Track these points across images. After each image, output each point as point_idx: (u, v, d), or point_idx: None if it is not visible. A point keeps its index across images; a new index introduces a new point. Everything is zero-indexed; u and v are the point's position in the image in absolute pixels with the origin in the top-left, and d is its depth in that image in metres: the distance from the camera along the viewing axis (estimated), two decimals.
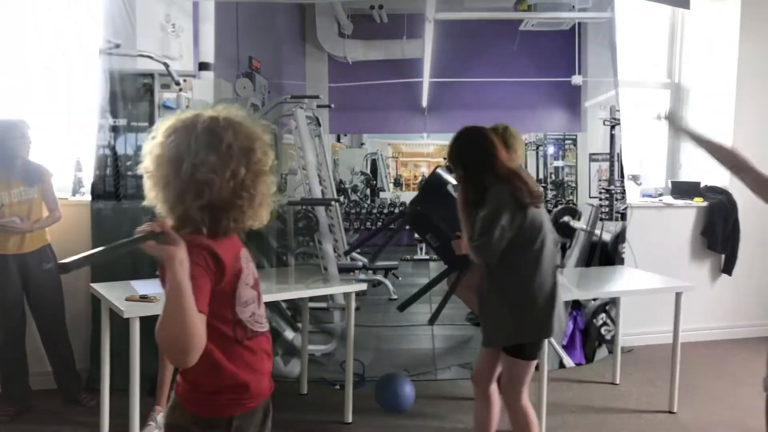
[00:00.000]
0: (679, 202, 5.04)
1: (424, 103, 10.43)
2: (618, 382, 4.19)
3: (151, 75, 3.99)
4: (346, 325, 3.56)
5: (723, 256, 5.04)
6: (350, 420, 3.45)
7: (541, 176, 10.34)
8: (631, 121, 5.02)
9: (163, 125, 1.44)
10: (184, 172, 1.37)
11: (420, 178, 13.30)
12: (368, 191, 12.37)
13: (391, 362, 4.37)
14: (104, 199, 4.05)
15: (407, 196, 12.54)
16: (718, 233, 4.95)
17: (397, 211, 11.32)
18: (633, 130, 4.99)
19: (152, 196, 1.43)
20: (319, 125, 5.77)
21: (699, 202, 4.99)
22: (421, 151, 13.62)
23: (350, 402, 3.46)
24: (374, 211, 11.30)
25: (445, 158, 11.96)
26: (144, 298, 2.84)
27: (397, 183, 13.86)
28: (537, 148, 10.42)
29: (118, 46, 3.60)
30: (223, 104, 1.52)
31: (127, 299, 2.85)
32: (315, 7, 9.96)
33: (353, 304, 3.53)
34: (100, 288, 3.15)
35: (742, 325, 5.17)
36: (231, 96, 5.00)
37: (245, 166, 1.43)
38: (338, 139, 13.51)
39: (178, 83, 3.90)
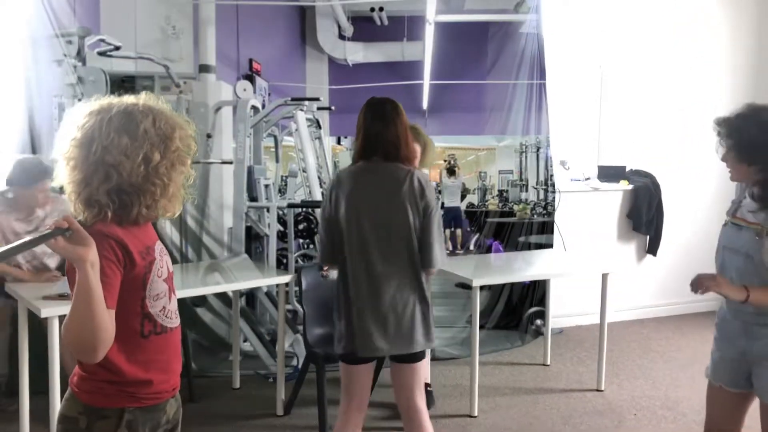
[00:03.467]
0: (606, 185, 5.07)
1: (425, 105, 10.46)
2: (549, 363, 4.22)
3: (151, 77, 3.98)
4: (278, 317, 3.48)
5: (648, 237, 5.17)
6: (282, 413, 3.38)
7: (541, 178, 10.33)
8: (559, 107, 5.04)
9: (81, 109, 1.40)
10: (93, 153, 1.33)
11: None
12: None
13: (387, 364, 4.37)
14: None
15: None
16: (643, 215, 5.05)
17: None
18: (561, 116, 5.07)
19: (61, 177, 1.38)
20: (320, 127, 5.76)
21: (625, 185, 5.08)
22: None
23: (282, 395, 3.39)
24: None
25: (445, 160, 11.86)
26: (63, 297, 2.68)
27: None
28: (537, 150, 10.43)
29: (118, 48, 3.60)
30: (146, 93, 1.46)
31: (44, 298, 2.71)
32: (315, 10, 10.01)
33: (283, 295, 3.44)
34: (17, 287, 2.96)
35: (666, 304, 5.31)
36: (231, 98, 4.99)
37: (161, 152, 1.38)
38: (339, 142, 13.51)
39: (178, 85, 3.89)
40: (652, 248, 5.17)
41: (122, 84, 3.94)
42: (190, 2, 5.35)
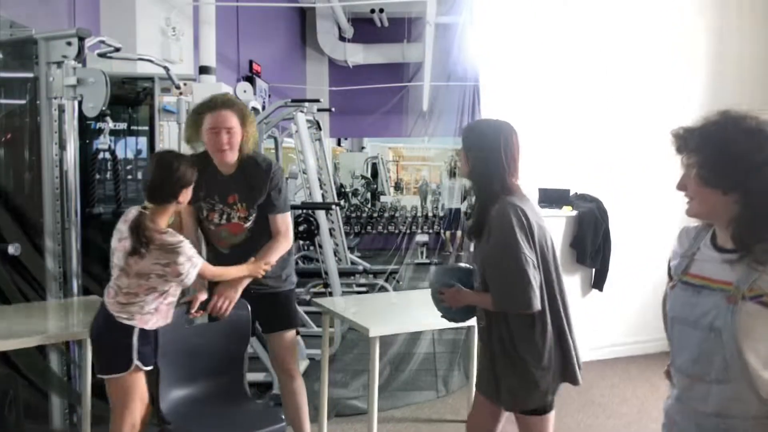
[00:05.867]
0: (547, 211, 4.36)
1: (425, 106, 10.46)
2: None
3: (151, 78, 3.97)
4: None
5: (593, 270, 4.56)
6: None
7: None
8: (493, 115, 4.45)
9: None
10: None
11: (421, 182, 13.30)
12: (369, 195, 12.43)
13: (389, 366, 4.35)
14: (104, 203, 4.04)
15: (408, 199, 12.60)
16: (588, 245, 4.43)
17: (397, 215, 11.37)
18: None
19: None
20: (320, 129, 5.76)
21: (568, 211, 4.47)
22: (422, 155, 13.69)
23: None
24: (375, 215, 11.35)
25: (446, 162, 11.85)
26: None
27: (398, 187, 13.89)
28: None
29: (118, 49, 3.59)
30: None
31: None
32: (316, 11, 10.01)
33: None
34: None
35: (612, 345, 4.66)
36: None
37: None
38: (339, 143, 13.51)
39: (178, 87, 3.88)
40: (598, 282, 4.55)
41: (122, 85, 3.93)
42: (191, 3, 5.35)
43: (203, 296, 2.42)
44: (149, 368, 2.23)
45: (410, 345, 4.58)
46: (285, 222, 2.54)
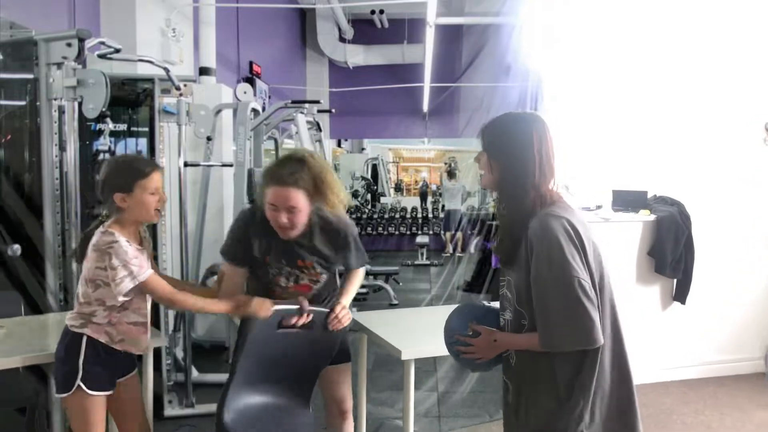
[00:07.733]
0: (622, 215, 4.08)
1: (425, 107, 10.46)
2: None
3: (151, 80, 3.97)
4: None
5: (674, 280, 4.12)
6: None
7: None
8: (564, 121, 4.08)
9: None
10: None
11: (421, 183, 13.26)
12: (369, 196, 12.40)
13: (392, 367, 4.34)
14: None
15: (408, 201, 12.57)
16: (668, 254, 4.00)
17: (398, 216, 11.37)
18: (564, 128, 3.86)
19: None
20: (320, 130, 5.74)
21: (645, 215, 4.08)
22: (422, 156, 13.66)
23: None
24: (375, 216, 11.35)
25: (446, 163, 11.87)
26: None
27: (398, 188, 13.86)
28: None
29: (118, 50, 3.58)
30: None
31: None
32: (316, 12, 10.02)
33: None
34: None
35: (698, 363, 4.20)
36: (232, 100, 4.99)
37: None
38: (339, 144, 13.49)
39: (178, 88, 3.88)
40: (680, 295, 4.11)
41: (122, 86, 3.93)
42: (191, 4, 5.35)
43: (306, 303, 2.13)
44: (101, 394, 2.03)
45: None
46: (361, 271, 2.36)
